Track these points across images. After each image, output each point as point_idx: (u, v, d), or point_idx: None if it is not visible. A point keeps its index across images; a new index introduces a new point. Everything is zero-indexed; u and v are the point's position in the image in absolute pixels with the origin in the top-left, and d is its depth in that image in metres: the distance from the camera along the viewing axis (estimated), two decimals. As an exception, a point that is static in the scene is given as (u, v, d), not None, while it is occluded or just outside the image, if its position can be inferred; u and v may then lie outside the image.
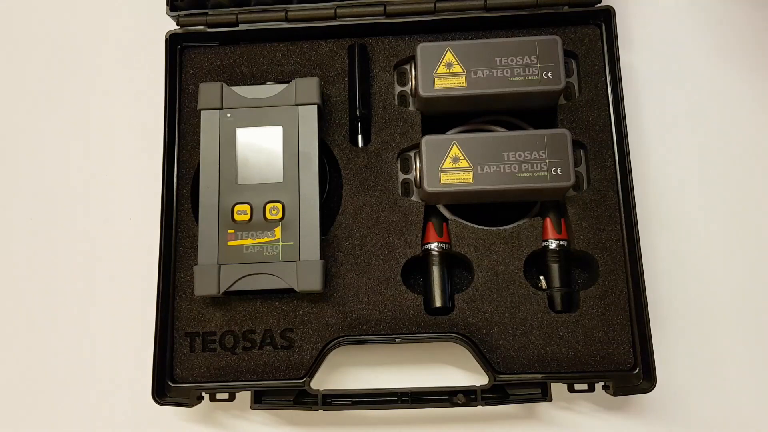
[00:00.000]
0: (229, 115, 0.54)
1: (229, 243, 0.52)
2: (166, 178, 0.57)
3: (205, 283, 0.52)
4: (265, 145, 0.54)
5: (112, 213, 0.63)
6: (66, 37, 0.68)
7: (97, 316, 0.61)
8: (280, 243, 0.52)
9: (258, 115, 0.54)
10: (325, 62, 0.59)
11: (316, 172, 0.53)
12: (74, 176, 0.64)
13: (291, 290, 0.52)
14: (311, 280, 0.51)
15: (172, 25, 0.60)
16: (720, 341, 0.57)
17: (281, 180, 0.53)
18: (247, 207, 0.53)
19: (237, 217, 0.53)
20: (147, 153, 0.63)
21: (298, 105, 0.54)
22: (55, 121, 0.65)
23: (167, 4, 0.58)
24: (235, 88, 0.55)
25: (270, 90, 0.55)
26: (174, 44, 0.59)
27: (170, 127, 0.58)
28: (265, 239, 0.52)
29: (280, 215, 0.52)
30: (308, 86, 0.54)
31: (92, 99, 0.66)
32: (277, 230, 0.52)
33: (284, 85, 0.55)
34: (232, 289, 0.52)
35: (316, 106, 0.54)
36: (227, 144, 0.54)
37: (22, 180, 0.64)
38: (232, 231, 0.52)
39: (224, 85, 0.55)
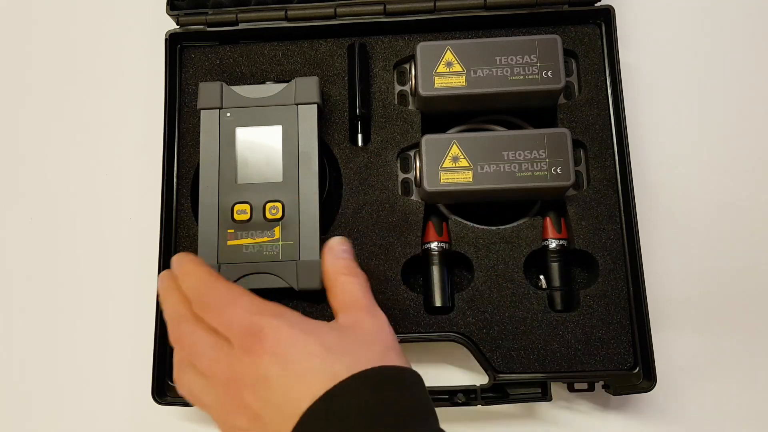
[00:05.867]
0: (228, 114, 0.54)
1: (229, 243, 0.52)
2: (166, 177, 0.57)
3: None
4: (264, 144, 0.53)
5: (112, 213, 0.63)
6: (65, 37, 0.68)
7: (97, 315, 0.61)
8: (280, 242, 0.52)
9: (258, 114, 0.54)
10: (324, 61, 0.59)
11: (315, 172, 0.53)
12: (74, 176, 0.64)
13: (291, 290, 0.52)
14: (310, 279, 0.51)
15: (172, 25, 0.60)
16: (720, 341, 0.57)
17: (281, 179, 0.53)
18: (246, 206, 0.52)
19: (237, 217, 0.52)
20: (147, 153, 0.63)
21: (297, 104, 0.54)
22: (55, 120, 0.66)
23: (167, 4, 0.58)
24: (235, 88, 0.55)
25: (270, 89, 0.54)
26: (174, 44, 0.59)
27: (170, 126, 0.58)
28: (265, 239, 0.52)
29: (279, 215, 0.52)
30: (308, 85, 0.54)
31: (92, 98, 0.66)
32: (277, 230, 0.52)
33: (284, 85, 0.55)
34: None
35: (315, 106, 0.54)
36: (227, 143, 0.54)
37: (22, 180, 0.64)
38: (232, 230, 0.52)
39: (224, 84, 0.55)
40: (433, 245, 0.54)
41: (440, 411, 0.55)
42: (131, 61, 0.66)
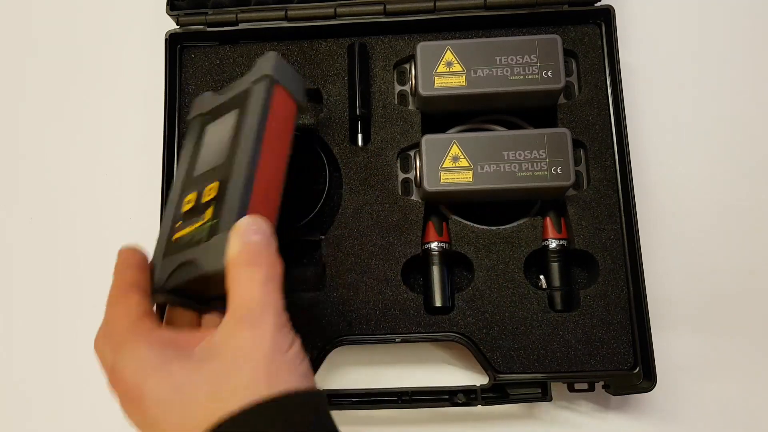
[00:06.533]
0: (207, 116, 0.50)
1: (174, 237, 0.44)
2: (166, 177, 0.57)
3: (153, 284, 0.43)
4: (221, 133, 0.47)
5: (112, 213, 0.63)
6: (66, 37, 0.68)
7: (97, 316, 0.60)
8: (208, 224, 0.42)
9: (224, 107, 0.49)
10: (324, 61, 0.59)
11: (252, 142, 0.43)
12: (74, 176, 0.64)
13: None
14: (215, 259, 0.39)
15: (172, 25, 0.60)
16: (720, 341, 0.57)
17: (223, 161, 0.45)
18: (192, 195, 0.45)
19: (183, 209, 0.45)
20: (147, 153, 0.63)
21: (253, 83, 0.47)
22: (55, 120, 0.66)
23: (167, 4, 0.58)
24: (223, 89, 0.51)
25: (242, 79, 0.49)
26: (174, 44, 0.59)
27: (170, 126, 0.58)
28: (198, 224, 0.43)
29: (213, 194, 0.43)
30: (263, 63, 0.47)
31: (92, 98, 0.66)
32: (209, 211, 0.42)
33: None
34: (169, 285, 0.42)
35: (265, 80, 0.46)
36: (197, 143, 0.50)
37: (22, 180, 0.64)
38: (179, 223, 0.45)
39: (213, 93, 0.51)
40: (433, 245, 0.54)
41: (440, 411, 0.56)
42: (131, 61, 0.66)
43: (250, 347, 0.34)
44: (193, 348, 0.36)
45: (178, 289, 0.42)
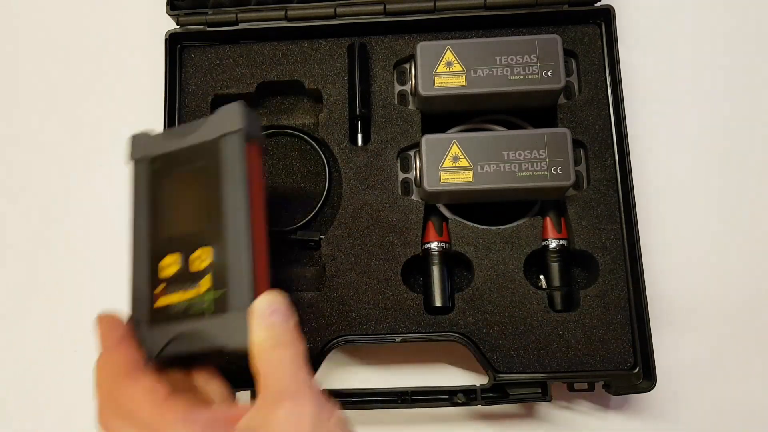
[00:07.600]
0: (157, 164, 0.47)
1: (156, 304, 0.44)
2: (165, 177, 0.57)
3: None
4: (191, 191, 0.45)
5: (112, 213, 0.63)
6: (66, 37, 0.68)
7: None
8: (207, 296, 0.42)
9: (185, 158, 0.46)
10: (324, 61, 0.59)
11: (243, 207, 0.43)
12: (73, 176, 0.64)
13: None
14: (239, 338, 0.40)
15: (172, 25, 0.60)
16: (720, 341, 0.57)
17: (208, 225, 0.44)
18: (172, 259, 0.44)
19: (162, 274, 0.44)
20: (147, 152, 0.63)
21: (220, 137, 0.45)
22: (55, 120, 0.66)
23: (167, 4, 0.58)
24: (167, 131, 0.48)
25: (199, 125, 0.46)
26: (174, 44, 0.59)
27: (170, 126, 0.58)
28: (191, 293, 0.43)
29: (206, 264, 0.43)
30: (230, 113, 0.45)
31: (92, 98, 0.66)
32: (203, 282, 0.43)
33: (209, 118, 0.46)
34: (166, 354, 0.43)
35: (237, 134, 0.44)
36: (156, 195, 0.46)
37: (20, 179, 0.64)
38: (159, 289, 0.44)
39: (153, 132, 0.48)
40: (433, 245, 0.54)
41: (440, 411, 0.56)
42: (131, 61, 0.66)
43: (295, 423, 0.35)
44: (233, 426, 0.36)
45: (174, 358, 0.43)
